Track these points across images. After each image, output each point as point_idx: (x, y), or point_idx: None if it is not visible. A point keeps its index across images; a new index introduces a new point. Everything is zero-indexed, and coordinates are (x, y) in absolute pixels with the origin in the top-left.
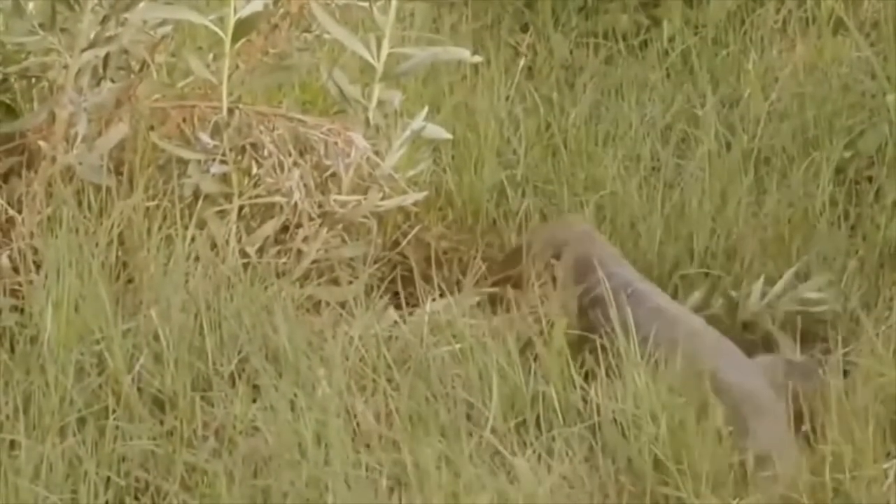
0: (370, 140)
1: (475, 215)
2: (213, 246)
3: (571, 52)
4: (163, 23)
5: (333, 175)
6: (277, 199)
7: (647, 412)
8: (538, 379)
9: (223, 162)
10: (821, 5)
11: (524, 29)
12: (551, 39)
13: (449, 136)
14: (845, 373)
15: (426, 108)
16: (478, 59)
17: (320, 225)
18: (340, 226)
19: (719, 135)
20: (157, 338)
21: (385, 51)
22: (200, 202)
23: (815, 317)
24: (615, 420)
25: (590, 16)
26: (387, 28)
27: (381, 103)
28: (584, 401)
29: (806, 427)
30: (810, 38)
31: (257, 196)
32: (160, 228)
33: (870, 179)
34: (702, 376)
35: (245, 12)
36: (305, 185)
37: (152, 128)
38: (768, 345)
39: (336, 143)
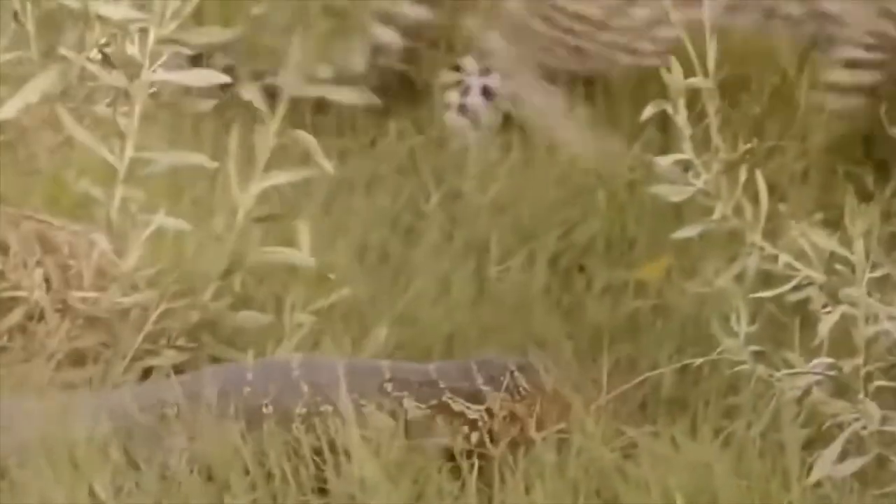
0: (112, 241)
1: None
2: None
3: None
4: None
5: (78, 272)
6: (20, 293)
7: None
8: None
9: None
10: None
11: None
12: None
13: (188, 226)
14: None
15: (163, 210)
16: (215, 164)
17: (62, 319)
18: (81, 320)
19: (443, 226)
20: None
21: (128, 154)
22: None
23: None
24: None
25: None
26: (129, 133)
27: (124, 202)
28: None
29: None
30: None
31: (1, 290)
32: None
33: (581, 268)
34: None
35: None
36: (48, 282)
37: None
38: None
39: (80, 244)
